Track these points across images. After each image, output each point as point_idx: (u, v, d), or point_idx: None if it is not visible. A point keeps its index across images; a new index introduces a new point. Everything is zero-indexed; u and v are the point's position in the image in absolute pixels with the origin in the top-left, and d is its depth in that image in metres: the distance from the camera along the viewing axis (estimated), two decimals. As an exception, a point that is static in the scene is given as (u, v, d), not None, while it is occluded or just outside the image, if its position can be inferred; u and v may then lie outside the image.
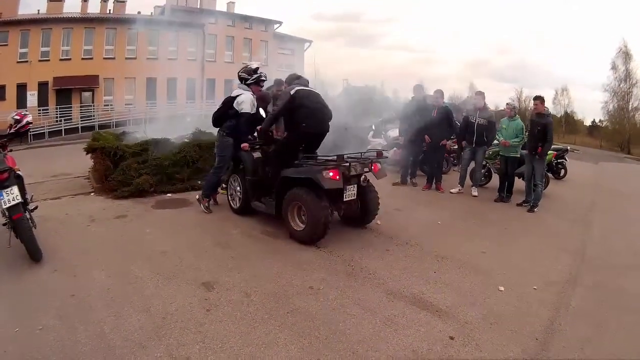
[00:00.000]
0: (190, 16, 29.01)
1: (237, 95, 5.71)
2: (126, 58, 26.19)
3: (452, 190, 8.24)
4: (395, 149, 9.98)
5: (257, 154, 5.71)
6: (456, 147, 9.52)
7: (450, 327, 3.19)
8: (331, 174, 4.53)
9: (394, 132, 10.38)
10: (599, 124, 40.86)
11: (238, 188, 5.89)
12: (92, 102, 25.07)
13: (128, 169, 6.92)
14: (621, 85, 33.76)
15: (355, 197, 5.06)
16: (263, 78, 5.89)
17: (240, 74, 5.86)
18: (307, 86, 5.30)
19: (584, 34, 61.08)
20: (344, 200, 4.94)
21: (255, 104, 5.81)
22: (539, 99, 7.32)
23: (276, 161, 5.24)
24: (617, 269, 4.67)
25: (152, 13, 31.08)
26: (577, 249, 5.29)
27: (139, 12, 29.78)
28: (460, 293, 3.78)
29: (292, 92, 5.03)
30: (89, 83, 24.79)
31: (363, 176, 5.13)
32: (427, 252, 4.77)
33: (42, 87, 23.56)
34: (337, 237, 5.00)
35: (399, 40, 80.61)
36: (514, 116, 7.81)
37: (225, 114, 5.80)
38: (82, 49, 24.93)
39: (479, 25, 77.30)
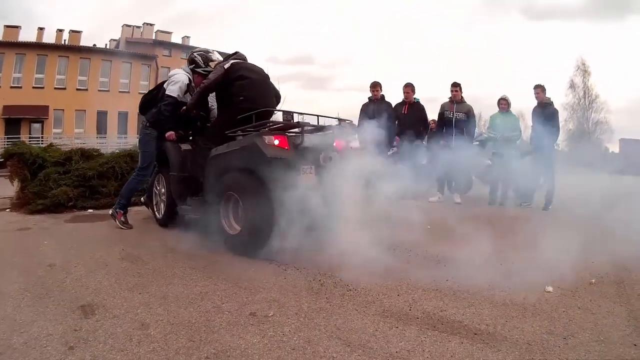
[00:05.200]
0: (144, 48, 28.22)
1: (173, 75, 4.42)
2: (77, 89, 24.90)
3: (431, 199, 6.95)
4: None
5: (185, 146, 4.33)
6: None
7: (501, 354, 1.86)
8: (276, 140, 3.21)
9: None
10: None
11: (163, 191, 4.49)
12: (42, 134, 23.26)
13: (46, 180, 5.69)
14: (581, 103, 34.08)
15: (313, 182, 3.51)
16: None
17: (194, 55, 4.50)
18: (246, 60, 4.11)
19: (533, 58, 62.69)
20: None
21: (186, 91, 4.41)
22: (540, 87, 6.49)
23: (207, 150, 3.85)
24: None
25: (106, 45, 30.12)
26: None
27: (94, 45, 28.59)
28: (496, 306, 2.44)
29: (226, 66, 3.83)
30: (39, 113, 23.29)
31: (323, 153, 3.63)
32: (427, 257, 3.43)
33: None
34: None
35: (352, 81, 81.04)
36: (507, 110, 6.90)
37: (154, 98, 4.50)
38: (34, 77, 23.57)
39: (432, 62, 78.83)
